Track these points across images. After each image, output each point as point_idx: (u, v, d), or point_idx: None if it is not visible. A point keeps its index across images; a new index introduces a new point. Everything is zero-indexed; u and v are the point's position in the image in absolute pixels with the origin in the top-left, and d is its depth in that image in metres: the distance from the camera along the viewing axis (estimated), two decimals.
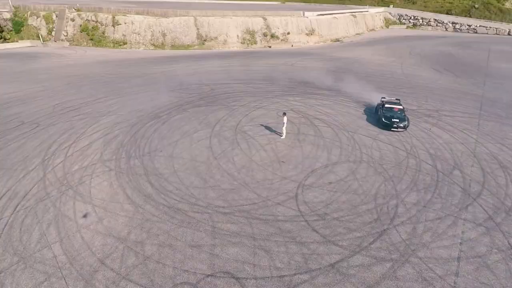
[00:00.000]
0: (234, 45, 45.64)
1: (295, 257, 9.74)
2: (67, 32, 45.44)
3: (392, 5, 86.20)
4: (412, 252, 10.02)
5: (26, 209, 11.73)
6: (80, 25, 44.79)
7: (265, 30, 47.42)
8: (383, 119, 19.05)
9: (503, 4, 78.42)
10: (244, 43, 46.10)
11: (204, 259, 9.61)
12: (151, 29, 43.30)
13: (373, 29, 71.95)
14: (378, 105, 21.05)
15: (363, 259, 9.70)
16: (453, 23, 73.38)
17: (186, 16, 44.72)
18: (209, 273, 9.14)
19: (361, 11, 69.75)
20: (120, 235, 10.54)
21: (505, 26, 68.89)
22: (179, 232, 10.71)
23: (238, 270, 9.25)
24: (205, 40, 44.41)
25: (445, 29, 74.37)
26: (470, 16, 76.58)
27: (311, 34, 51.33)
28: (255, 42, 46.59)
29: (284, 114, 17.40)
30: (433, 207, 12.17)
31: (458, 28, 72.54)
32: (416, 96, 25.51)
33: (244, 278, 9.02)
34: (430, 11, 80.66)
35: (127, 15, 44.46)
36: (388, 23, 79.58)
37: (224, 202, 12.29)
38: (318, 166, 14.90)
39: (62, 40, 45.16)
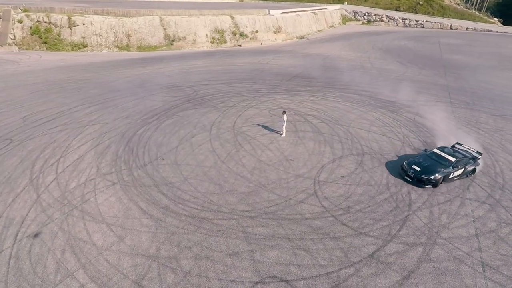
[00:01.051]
0: (204, 45, 44.63)
1: (334, 253, 9.90)
2: (14, 36, 40.79)
3: (346, 2, 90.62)
4: (437, 234, 10.73)
5: (29, 237, 10.40)
6: (30, 27, 40.47)
7: (234, 29, 47.04)
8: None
9: (443, 1, 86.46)
10: (213, 42, 45.28)
11: (247, 267, 9.35)
12: (114, 30, 40.59)
13: (332, 26, 75.00)
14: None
15: (397, 247, 10.16)
16: (403, 18, 79.25)
17: (150, 15, 42.65)
18: (257, 280, 8.91)
19: (321, 9, 72.26)
20: (148, 252, 9.82)
21: (446, 21, 76.08)
22: (212, 242, 10.29)
23: (284, 273, 9.16)
24: (173, 41, 42.79)
25: (396, 25, 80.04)
26: (416, 12, 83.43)
27: (278, 32, 52.03)
28: (225, 41, 46.01)
29: (284, 112, 17.48)
30: (440, 190, 13.13)
31: (408, 24, 78.55)
32: (391, 88, 27.16)
33: (293, 280, 8.95)
34: (381, 8, 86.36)
35: (85, 15, 41.16)
36: (345, 19, 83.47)
37: (247, 205, 12.05)
38: (326, 162, 15.24)
39: (9, 44, 40.45)
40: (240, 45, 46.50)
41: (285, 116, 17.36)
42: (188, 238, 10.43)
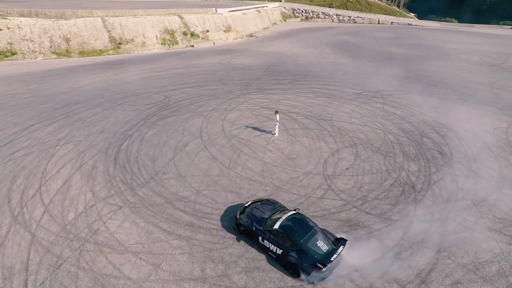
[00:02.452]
0: (155, 47, 42.12)
1: (376, 239, 10.52)
2: None
3: (283, 0, 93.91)
4: (443, 209, 12.14)
5: (43, 285, 8.86)
6: None
7: (184, 29, 45.31)
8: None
9: None
10: (164, 43, 43.02)
11: None
12: (49, 34, 35.73)
13: (275, 23, 77.15)
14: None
15: (419, 226, 11.22)
16: (337, 15, 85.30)
17: (90, 16, 38.60)
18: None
19: (263, 7, 73.70)
20: (194, 275, 9.19)
21: (374, 16, 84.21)
22: (254, 251, 10.06)
23: (339, 270, 9.45)
24: (120, 44, 39.47)
25: (331, 21, 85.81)
26: (347, 9, 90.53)
27: (229, 31, 51.71)
28: (177, 42, 44.06)
29: (276, 112, 17.65)
30: (431, 170, 14.81)
31: (342, 19, 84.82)
32: (353, 81, 29.30)
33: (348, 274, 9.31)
34: (316, 5, 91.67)
35: (8, 18, 35.35)
36: (285, 17, 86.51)
37: None
38: (326, 156, 15.92)
39: None
40: (192, 46, 45.02)
41: (277, 115, 17.55)
42: (229, 252, 10.03)
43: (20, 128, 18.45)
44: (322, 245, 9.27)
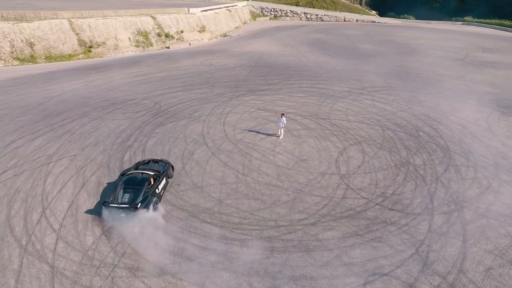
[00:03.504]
0: (128, 49, 40.02)
1: (402, 236, 10.89)
2: None
3: None
4: (456, 199, 12.91)
5: None
6: None
7: (158, 30, 43.54)
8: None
9: None
10: (139, 46, 41.03)
11: (345, 273, 9.47)
12: (9, 39, 32.42)
13: (245, 22, 76.90)
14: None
15: (441, 218, 11.83)
16: (305, 13, 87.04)
17: (55, 18, 35.64)
18: (363, 282, 9.15)
19: (233, 6, 73.07)
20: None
21: (339, 14, 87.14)
22: (296, 259, 9.96)
23: (379, 267, 9.65)
24: (91, 47, 36.96)
25: (300, 19, 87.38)
26: (313, 7, 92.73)
27: (203, 31, 50.62)
28: (151, 44, 42.23)
29: (282, 114, 17.55)
30: (434, 163, 15.66)
31: (310, 18, 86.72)
32: (338, 79, 30.10)
33: (391, 271, 9.54)
34: (283, 4, 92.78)
35: None
36: (254, 15, 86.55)
37: (300, 213, 11.98)
38: (336, 156, 16.20)
39: None
40: (168, 47, 43.43)
41: (283, 118, 17.47)
42: (270, 262, 9.83)
43: (0, 145, 16.59)
44: (123, 197, 11.34)
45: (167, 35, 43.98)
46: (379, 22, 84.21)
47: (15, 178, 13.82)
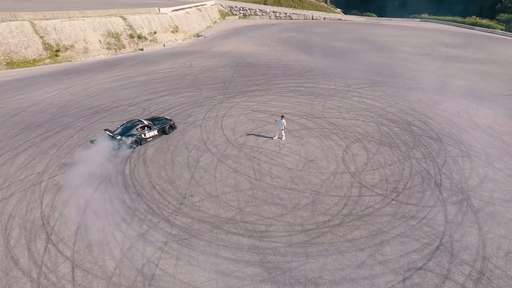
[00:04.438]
0: (99, 52, 37.59)
1: (424, 229, 11.31)
2: None
3: None
4: (462, 189, 13.69)
5: None
6: None
7: (130, 31, 41.38)
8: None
9: None
10: (110, 48, 38.69)
11: (383, 271, 9.61)
12: None
13: (215, 22, 75.77)
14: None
15: (453, 208, 12.46)
16: (274, 12, 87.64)
17: (15, 20, 32.40)
18: (401, 279, 9.36)
19: (202, 5, 71.60)
20: None
21: (307, 12, 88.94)
22: (331, 262, 9.92)
23: (412, 262, 9.92)
24: (57, 51, 34.15)
25: (269, 18, 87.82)
26: (281, 6, 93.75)
27: (176, 31, 49.01)
28: (124, 46, 40.03)
29: (282, 116, 17.45)
30: (432, 155, 16.48)
31: (279, 16, 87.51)
32: (322, 77, 30.65)
33: (423, 264, 9.85)
34: (251, 2, 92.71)
35: None
36: (222, 14, 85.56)
37: (324, 215, 11.98)
38: (341, 154, 16.44)
39: None
40: (142, 49, 41.45)
41: (284, 120, 17.37)
42: (308, 268, 9.70)
43: None
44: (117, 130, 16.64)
45: (139, 37, 41.96)
46: (345, 20, 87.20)
47: (4, 202, 12.35)
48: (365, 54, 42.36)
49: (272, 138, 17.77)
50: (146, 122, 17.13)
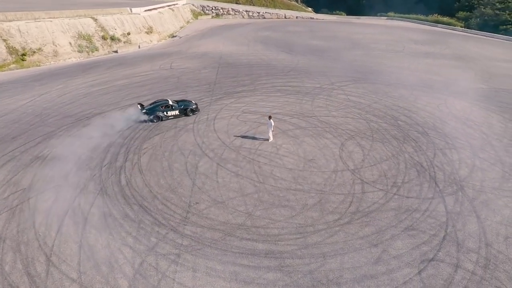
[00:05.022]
0: (70, 56, 35.38)
1: (428, 220, 11.79)
2: None
3: None
4: (455, 180, 14.45)
5: None
6: None
7: (102, 33, 39.33)
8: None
9: None
10: (82, 51, 36.53)
11: (399, 265, 9.88)
12: None
13: (189, 21, 74.26)
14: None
15: (451, 199, 13.12)
16: (246, 11, 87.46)
17: None
18: (416, 271, 9.67)
19: (173, 4, 69.81)
20: None
21: (280, 11, 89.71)
22: (348, 260, 10.04)
23: (424, 253, 10.30)
24: (24, 55, 31.65)
25: (242, 17, 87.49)
26: (254, 5, 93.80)
27: (151, 32, 47.35)
28: (96, 49, 37.98)
29: (270, 117, 17.23)
30: (422, 149, 17.24)
31: (252, 15, 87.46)
32: (306, 76, 31.01)
33: (434, 255, 10.27)
34: (223, 2, 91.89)
35: None
36: (195, 14, 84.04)
37: (333, 214, 12.12)
38: (338, 152, 16.73)
39: None
40: (116, 51, 39.59)
41: (271, 121, 17.15)
42: (327, 268, 9.75)
43: None
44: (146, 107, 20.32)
45: (113, 38, 40.06)
46: (317, 19, 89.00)
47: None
48: (342, 52, 43.46)
49: (268, 140, 17.62)
50: (170, 102, 20.18)
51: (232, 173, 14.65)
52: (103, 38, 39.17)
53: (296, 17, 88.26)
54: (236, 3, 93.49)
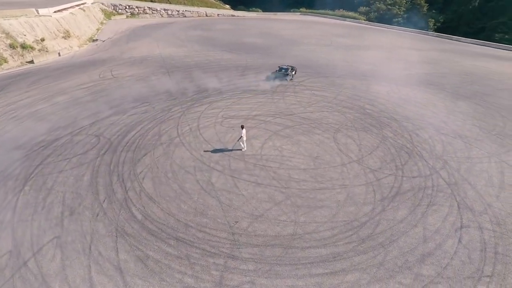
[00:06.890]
0: None
1: (440, 192, 13.57)
2: None
3: None
4: (437, 155, 16.89)
5: None
6: None
7: (9, 40, 32.07)
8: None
9: None
10: None
11: (446, 235, 11.18)
12: None
13: (102, 22, 66.36)
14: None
15: (444, 172, 15.31)
16: (165, 9, 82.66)
17: None
18: (457, 240, 11.12)
19: (82, 3, 61.31)
20: None
21: (201, 10, 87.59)
22: (405, 244, 10.89)
23: (453, 223, 11.88)
24: None
25: (161, 16, 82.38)
26: (170, 3, 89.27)
27: (68, 37, 40.70)
28: (5, 60, 30.77)
29: (242, 127, 16.26)
30: (398, 132, 19.51)
31: (171, 14, 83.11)
32: (264, 74, 31.31)
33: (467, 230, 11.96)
34: (137, 0, 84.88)
35: None
36: (107, 14, 75.52)
37: (367, 205, 12.86)
38: (335, 146, 17.65)
39: None
40: (32, 61, 32.85)
41: (244, 130, 16.16)
42: (391, 256, 10.40)
43: None
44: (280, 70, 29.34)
45: (24, 46, 33.08)
46: (238, 16, 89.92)
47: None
48: (282, 48, 45.17)
49: (241, 150, 16.82)
50: (294, 66, 30.95)
51: (253, 183, 14.10)
52: (11, 46, 32.05)
53: (218, 15, 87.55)
54: (152, 1, 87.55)
